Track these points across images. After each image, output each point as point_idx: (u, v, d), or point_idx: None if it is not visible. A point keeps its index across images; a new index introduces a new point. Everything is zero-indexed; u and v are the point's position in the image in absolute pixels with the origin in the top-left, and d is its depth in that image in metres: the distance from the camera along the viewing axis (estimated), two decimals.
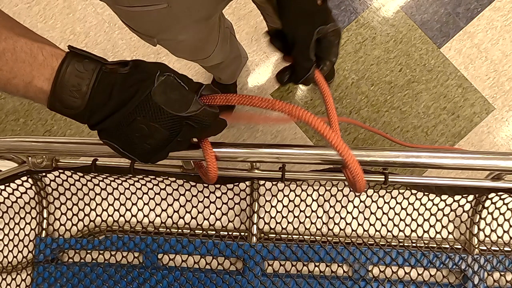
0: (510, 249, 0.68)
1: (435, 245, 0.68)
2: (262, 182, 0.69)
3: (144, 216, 0.71)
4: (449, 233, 0.69)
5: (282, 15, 0.49)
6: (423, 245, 0.68)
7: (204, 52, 0.99)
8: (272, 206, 0.70)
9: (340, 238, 0.69)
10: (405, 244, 0.68)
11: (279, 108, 0.44)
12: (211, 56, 1.02)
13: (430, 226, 0.69)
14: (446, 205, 0.69)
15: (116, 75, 0.39)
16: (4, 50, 0.36)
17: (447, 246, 0.68)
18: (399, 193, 0.69)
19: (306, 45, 0.49)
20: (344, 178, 0.62)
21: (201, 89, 0.44)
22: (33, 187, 0.71)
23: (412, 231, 0.69)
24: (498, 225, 0.68)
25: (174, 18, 0.71)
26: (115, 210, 0.72)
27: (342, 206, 0.69)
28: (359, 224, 0.69)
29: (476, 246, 0.67)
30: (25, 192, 0.71)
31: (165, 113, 0.40)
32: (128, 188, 0.71)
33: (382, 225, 0.69)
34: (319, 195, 0.70)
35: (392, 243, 0.68)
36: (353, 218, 0.69)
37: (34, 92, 0.38)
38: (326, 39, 0.50)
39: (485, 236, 0.68)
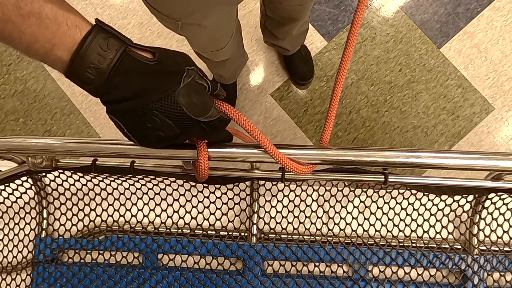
0: (509, 249, 0.68)
1: (435, 245, 0.68)
2: (262, 182, 0.69)
3: (144, 216, 0.71)
4: (449, 233, 0.69)
5: None
6: (423, 245, 0.68)
7: (220, 42, 0.99)
8: (272, 206, 0.70)
9: (340, 238, 0.69)
10: (405, 244, 0.68)
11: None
12: (224, 49, 1.03)
13: (430, 226, 0.69)
14: (446, 205, 0.69)
15: (140, 62, 0.39)
16: (29, 13, 0.35)
17: (447, 246, 0.68)
18: (399, 193, 0.69)
19: None
20: (344, 178, 0.62)
21: (217, 89, 0.46)
22: (33, 187, 0.71)
23: (412, 231, 0.69)
24: (498, 225, 0.68)
25: (204, 1, 0.71)
26: (115, 210, 0.71)
27: (342, 206, 0.69)
28: (359, 224, 0.69)
29: (476, 246, 0.67)
30: (25, 192, 0.71)
31: (184, 114, 0.41)
32: (128, 188, 0.71)
33: (382, 225, 0.69)
34: (319, 195, 0.70)
35: (392, 243, 0.68)
36: (353, 218, 0.69)
37: (52, 60, 0.38)
38: None
39: (485, 236, 0.68)
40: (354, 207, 0.69)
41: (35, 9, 0.35)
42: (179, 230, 0.71)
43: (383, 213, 0.69)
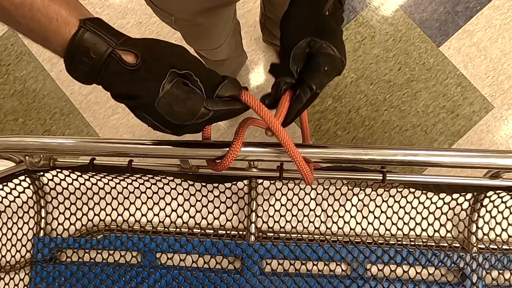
0: (508, 247, 0.68)
1: (433, 244, 0.68)
2: (260, 180, 0.69)
3: (142, 215, 0.71)
4: (447, 231, 0.69)
5: (284, 17, 0.46)
6: (421, 243, 0.68)
7: (215, 41, 0.99)
8: (270, 205, 0.70)
9: (339, 237, 0.68)
10: (404, 242, 0.68)
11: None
12: (220, 48, 1.02)
13: (429, 224, 0.68)
14: (445, 203, 0.69)
15: (122, 68, 0.38)
16: (22, 3, 0.36)
17: (446, 244, 0.68)
18: (397, 191, 0.69)
19: (289, 47, 0.43)
20: (342, 176, 0.62)
21: (220, 86, 0.42)
22: (31, 187, 0.71)
23: (410, 229, 0.69)
24: (497, 223, 0.68)
25: None
26: (113, 209, 0.71)
27: (340, 205, 0.69)
28: (357, 223, 0.69)
29: (475, 245, 0.67)
30: (23, 192, 0.71)
31: (168, 121, 0.41)
32: (126, 187, 0.71)
33: (381, 223, 0.69)
34: (317, 193, 0.70)
35: (391, 242, 0.68)
36: (351, 216, 0.69)
37: (50, 50, 0.39)
38: (316, 60, 0.43)
39: (484, 234, 0.68)
40: (353, 205, 0.69)
41: (27, 0, 0.35)
42: (177, 229, 0.70)
43: (382, 212, 0.69)
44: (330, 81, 0.44)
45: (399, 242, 0.68)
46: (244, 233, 0.69)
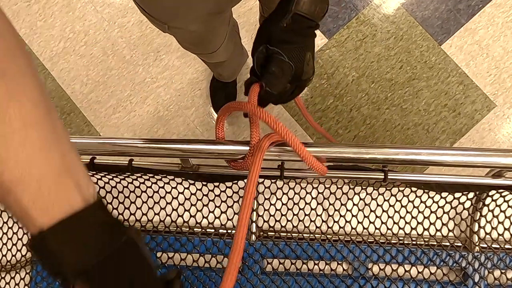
0: (510, 247, 0.67)
1: (435, 243, 0.68)
2: (261, 180, 0.69)
3: (143, 214, 0.71)
4: (449, 230, 0.68)
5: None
6: (423, 243, 0.68)
7: (211, 46, 0.99)
8: (271, 204, 0.69)
9: (340, 236, 0.68)
10: (405, 242, 0.68)
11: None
12: (217, 52, 1.02)
13: (430, 223, 0.68)
14: (447, 202, 0.68)
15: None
16: None
17: (448, 243, 0.68)
18: (399, 190, 0.68)
19: (253, 52, 0.53)
20: (343, 175, 0.62)
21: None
22: None
23: (412, 228, 0.68)
24: (499, 222, 0.68)
25: (188, 7, 0.71)
26: (113, 208, 0.71)
27: (342, 204, 0.69)
28: (358, 222, 0.69)
29: (477, 244, 0.67)
30: None
31: None
32: (127, 187, 0.71)
33: (382, 223, 0.68)
34: (318, 193, 0.69)
35: (392, 241, 0.68)
36: (352, 216, 0.69)
37: None
38: (268, 63, 0.52)
39: (486, 233, 0.68)
40: (354, 204, 0.69)
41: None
42: (178, 228, 0.70)
43: (383, 211, 0.68)
44: (279, 83, 0.51)
45: (400, 241, 0.68)
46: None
